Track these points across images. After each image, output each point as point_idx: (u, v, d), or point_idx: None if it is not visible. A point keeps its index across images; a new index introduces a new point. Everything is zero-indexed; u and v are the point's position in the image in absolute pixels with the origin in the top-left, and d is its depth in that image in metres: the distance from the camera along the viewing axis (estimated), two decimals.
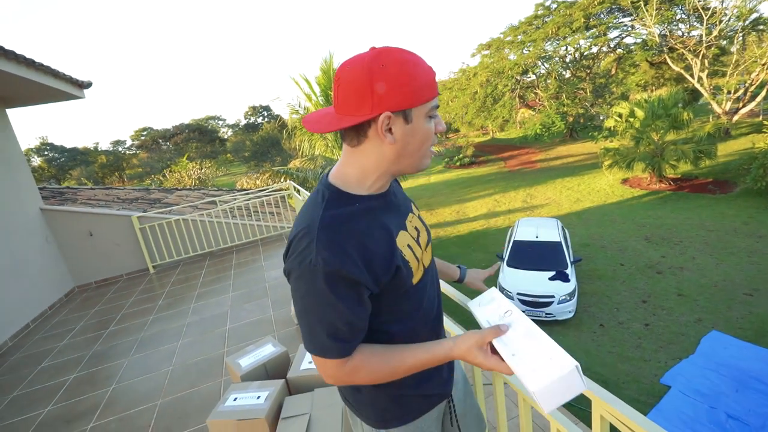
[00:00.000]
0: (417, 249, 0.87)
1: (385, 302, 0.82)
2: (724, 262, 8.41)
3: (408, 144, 0.76)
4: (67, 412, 2.67)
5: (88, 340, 3.73)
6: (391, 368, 0.81)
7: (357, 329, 0.78)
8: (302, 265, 0.73)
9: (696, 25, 18.63)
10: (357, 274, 0.73)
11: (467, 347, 0.77)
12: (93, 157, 40.86)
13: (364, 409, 0.96)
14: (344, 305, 0.74)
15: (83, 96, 5.10)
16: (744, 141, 16.24)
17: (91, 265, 5.39)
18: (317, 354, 0.78)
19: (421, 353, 0.80)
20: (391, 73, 0.70)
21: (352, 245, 0.74)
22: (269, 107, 53.37)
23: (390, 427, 0.95)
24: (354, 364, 0.79)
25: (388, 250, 0.79)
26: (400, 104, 0.71)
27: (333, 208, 0.77)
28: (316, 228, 0.73)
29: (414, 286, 0.85)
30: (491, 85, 23.82)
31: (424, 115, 0.75)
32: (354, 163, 0.80)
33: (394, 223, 0.84)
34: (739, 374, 5.30)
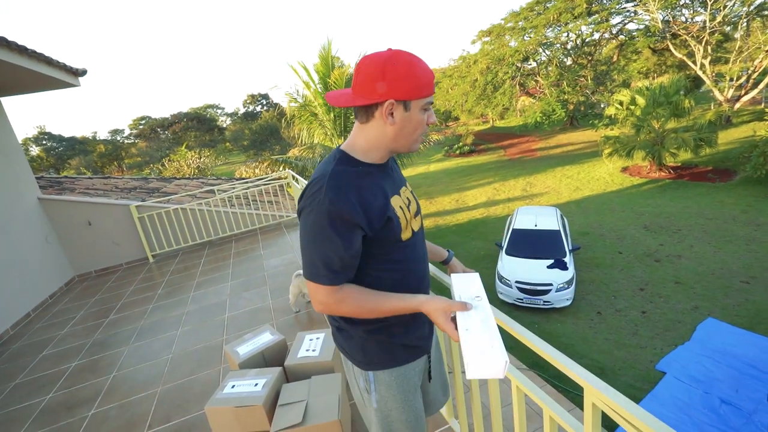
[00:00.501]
0: (407, 212, 1.05)
1: (379, 249, 1.00)
2: (721, 250, 8.44)
3: (404, 128, 0.96)
4: (69, 399, 2.70)
5: (89, 329, 3.76)
6: (371, 305, 0.97)
7: (347, 265, 0.95)
8: (312, 203, 0.92)
9: (700, 10, 18.33)
10: (355, 217, 0.91)
11: (435, 307, 0.93)
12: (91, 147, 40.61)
13: (355, 354, 1.11)
14: (340, 241, 0.91)
15: (78, 84, 5.03)
16: (745, 129, 16.13)
17: (91, 254, 5.39)
18: (312, 279, 0.95)
19: (397, 299, 0.98)
20: (400, 71, 0.90)
21: (353, 193, 0.92)
22: (268, 95, 52.90)
23: (377, 369, 1.11)
24: (343, 294, 0.96)
25: (382, 203, 0.98)
26: (402, 95, 0.92)
27: (342, 165, 0.97)
28: (327, 177, 0.93)
29: (403, 242, 1.04)
30: (491, 73, 23.54)
31: (420, 107, 0.95)
32: (361, 137, 1.00)
33: (389, 187, 1.03)
34: (733, 360, 5.37)
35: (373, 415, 1.15)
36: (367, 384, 1.12)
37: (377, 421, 1.15)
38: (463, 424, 1.69)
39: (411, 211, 1.08)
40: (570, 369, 0.86)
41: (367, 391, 1.13)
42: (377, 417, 1.15)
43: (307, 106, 10.63)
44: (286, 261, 4.62)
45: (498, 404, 1.31)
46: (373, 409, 1.14)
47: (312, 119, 10.69)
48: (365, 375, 1.12)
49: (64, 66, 4.54)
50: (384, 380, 1.11)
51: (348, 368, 1.18)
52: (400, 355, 1.11)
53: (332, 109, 10.10)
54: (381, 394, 1.12)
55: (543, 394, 1.05)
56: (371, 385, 1.12)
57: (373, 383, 1.11)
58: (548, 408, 1.00)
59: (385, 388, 1.11)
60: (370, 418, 1.19)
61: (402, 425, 1.14)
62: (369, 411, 1.17)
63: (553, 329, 6.64)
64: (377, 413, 1.14)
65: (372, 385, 1.11)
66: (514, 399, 1.16)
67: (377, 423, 1.16)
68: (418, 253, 1.11)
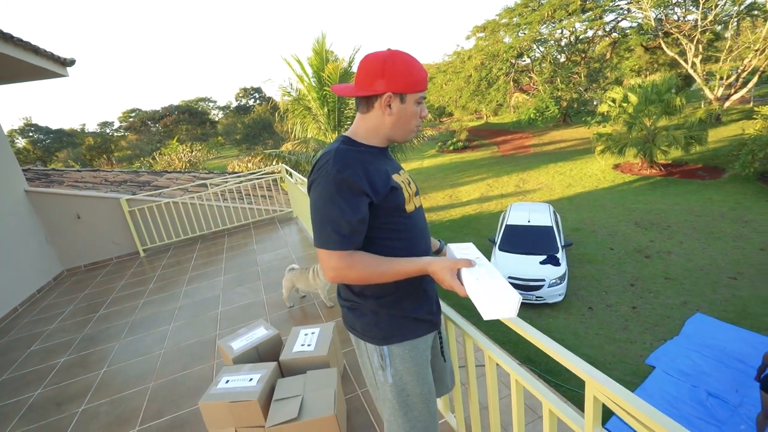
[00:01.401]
0: (408, 189, 1.15)
1: (386, 219, 1.08)
2: (710, 246, 8.57)
3: (401, 118, 1.09)
4: (58, 395, 2.66)
5: (78, 324, 3.70)
6: (381, 269, 1.02)
7: (355, 230, 1.01)
8: (321, 173, 1.02)
9: (692, 9, 18.48)
10: (361, 184, 1.00)
11: (441, 266, 1.00)
12: (80, 139, 39.85)
13: (369, 331, 1.16)
14: (347, 206, 0.99)
15: (66, 74, 4.92)
16: (734, 127, 16.36)
17: (80, 248, 5.31)
18: (323, 246, 1.02)
19: (404, 262, 1.04)
20: (398, 68, 1.03)
21: (359, 165, 1.03)
22: (261, 89, 52.34)
23: (391, 343, 1.15)
24: (353, 259, 1.02)
25: (385, 176, 1.08)
26: (399, 89, 1.04)
27: (346, 145, 1.08)
28: (333, 152, 1.04)
29: (408, 214, 1.13)
30: (486, 69, 23.53)
31: (414, 101, 1.08)
32: (363, 125, 1.12)
33: (390, 167, 1.14)
34: (720, 355, 5.47)
35: (389, 391, 1.18)
36: (381, 360, 1.16)
37: (393, 396, 1.18)
38: (459, 419, 1.69)
39: (411, 190, 1.17)
40: (571, 363, 0.86)
41: (381, 368, 1.17)
42: (393, 392, 1.17)
43: (300, 100, 10.52)
44: (280, 256, 4.59)
45: (496, 398, 1.31)
46: (388, 385, 1.17)
47: (306, 113, 10.59)
48: (380, 351, 1.16)
49: (51, 55, 4.43)
50: (398, 354, 1.15)
51: (360, 349, 1.23)
52: (412, 329, 1.17)
53: (326, 103, 10.03)
54: (396, 368, 1.16)
55: (542, 388, 1.05)
56: (386, 360, 1.16)
57: (388, 357, 1.16)
58: (548, 401, 1.00)
59: (400, 361, 1.16)
60: (383, 397, 1.21)
61: (417, 398, 1.18)
62: (383, 389, 1.19)
63: (546, 324, 6.70)
64: (393, 388, 1.17)
65: (387, 360, 1.16)
66: (513, 393, 1.16)
67: (393, 398, 1.18)
68: (422, 226, 1.20)
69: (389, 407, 1.20)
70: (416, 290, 1.17)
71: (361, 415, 2.07)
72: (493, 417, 1.36)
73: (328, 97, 9.87)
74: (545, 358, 5.65)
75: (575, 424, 0.93)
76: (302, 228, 5.49)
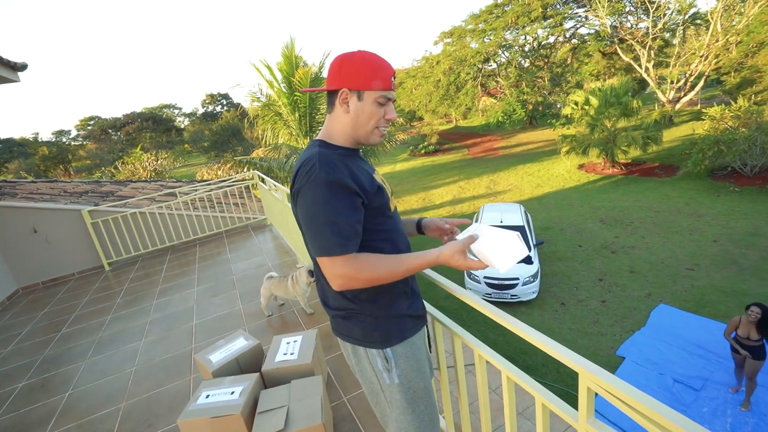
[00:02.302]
0: (388, 188, 1.15)
1: (372, 220, 1.07)
2: (669, 240, 9.07)
3: (358, 117, 1.06)
4: (18, 423, 2.46)
5: (38, 345, 3.46)
6: (389, 269, 1.00)
7: (354, 231, 0.98)
8: (309, 180, 0.98)
9: (643, 17, 19.67)
10: (351, 184, 0.98)
11: (451, 252, 1.01)
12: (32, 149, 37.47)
13: (370, 336, 1.14)
14: (343, 206, 0.97)
15: (18, 79, 4.61)
16: (685, 128, 17.45)
17: (37, 264, 4.97)
18: (325, 254, 0.97)
19: (413, 258, 1.03)
20: (354, 63, 1.03)
21: (344, 167, 1.01)
22: (228, 95, 51.23)
23: (394, 344, 1.14)
24: (360, 262, 0.98)
25: (369, 177, 1.08)
26: (354, 85, 1.03)
27: (325, 148, 1.05)
28: (316, 156, 1.00)
29: (390, 213, 1.14)
30: (454, 73, 24.05)
31: (373, 100, 1.05)
32: (330, 126, 1.12)
33: (369, 168, 1.14)
34: (683, 342, 5.79)
35: (396, 392, 1.16)
36: (386, 363, 1.14)
37: (401, 395, 1.16)
38: (448, 421, 1.69)
39: (388, 190, 1.17)
40: (564, 355, 0.88)
41: (387, 371, 1.15)
42: (401, 391, 1.16)
43: (271, 105, 10.35)
44: (255, 264, 4.48)
45: (486, 397, 1.32)
46: (395, 385, 1.16)
47: (276, 119, 10.43)
48: (383, 354, 1.14)
49: (0, 59, 4.15)
50: (402, 353, 1.15)
51: (359, 357, 1.19)
52: (409, 326, 1.18)
53: (297, 108, 9.91)
54: (401, 367, 1.15)
55: (533, 382, 1.06)
56: (391, 362, 1.14)
57: (393, 359, 1.14)
58: (540, 395, 1.01)
59: (404, 360, 1.15)
60: (389, 399, 1.18)
61: (422, 392, 1.19)
62: (389, 391, 1.17)
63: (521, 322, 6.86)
64: (400, 387, 1.16)
65: (392, 362, 1.14)
66: (504, 389, 1.17)
67: (401, 398, 1.16)
68: (400, 226, 1.22)
69: (397, 407, 1.18)
70: (407, 288, 1.18)
71: (348, 423, 2.04)
72: (483, 416, 1.37)
73: (299, 103, 9.77)
74: (523, 356, 5.78)
75: (569, 417, 0.95)
76: (277, 235, 5.38)
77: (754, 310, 4.23)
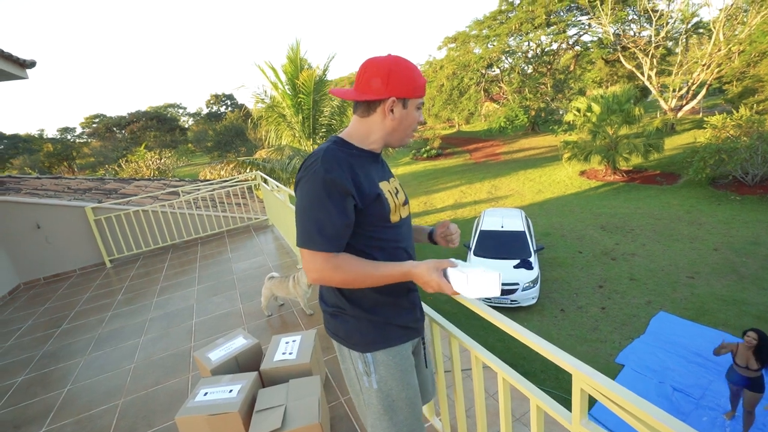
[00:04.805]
0: (394, 199, 1.14)
1: (371, 227, 1.08)
2: (669, 248, 9.06)
3: (402, 123, 1.10)
4: (16, 417, 2.48)
5: (38, 340, 3.47)
6: (363, 273, 1.02)
7: (340, 233, 1.01)
8: (308, 172, 1.01)
9: (646, 26, 19.73)
10: (348, 185, 0.99)
11: (426, 267, 1.01)
12: (37, 145, 37.60)
13: (352, 337, 1.15)
14: (334, 208, 0.98)
15: (26, 76, 4.66)
16: (687, 136, 17.46)
17: (39, 260, 5.00)
18: (307, 246, 1.00)
19: (389, 266, 1.04)
20: (402, 73, 1.04)
21: (346, 167, 1.02)
22: (233, 96, 51.37)
23: (375, 350, 1.15)
24: (338, 261, 1.01)
25: (371, 183, 1.08)
26: (403, 94, 1.06)
27: (336, 146, 1.08)
28: (322, 152, 1.04)
29: (393, 224, 1.13)
30: (457, 78, 24.14)
31: (415, 106, 1.10)
32: (360, 128, 1.11)
33: (378, 174, 1.13)
34: (683, 351, 5.77)
35: (374, 397, 1.17)
36: (366, 367, 1.15)
37: (378, 401, 1.17)
38: (445, 422, 1.70)
39: (399, 199, 1.16)
40: (558, 357, 0.89)
41: (366, 374, 1.16)
42: (378, 397, 1.16)
43: (275, 107, 10.40)
44: (256, 264, 4.49)
45: (482, 399, 1.33)
46: (373, 390, 1.17)
47: (280, 120, 10.48)
48: (364, 357, 1.15)
49: (10, 56, 4.19)
50: (383, 360, 1.15)
51: (343, 356, 1.21)
52: (396, 335, 1.17)
53: (301, 110, 9.96)
54: (381, 374, 1.15)
55: (529, 385, 1.08)
56: (371, 367, 1.15)
57: (372, 364, 1.15)
58: (535, 397, 1.03)
59: (384, 367, 1.15)
60: (368, 402, 1.19)
61: (402, 402, 1.18)
62: (368, 394, 1.18)
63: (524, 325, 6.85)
64: (378, 393, 1.16)
65: (371, 367, 1.15)
66: (500, 391, 1.18)
67: (378, 404, 1.17)
68: (406, 236, 1.20)
69: (374, 412, 1.18)
70: (400, 297, 1.17)
71: (345, 423, 2.05)
72: (480, 419, 1.38)
73: (303, 105, 9.82)
74: (522, 361, 5.77)
75: (563, 418, 0.96)
76: (278, 236, 5.40)
77: (751, 335, 4.01)
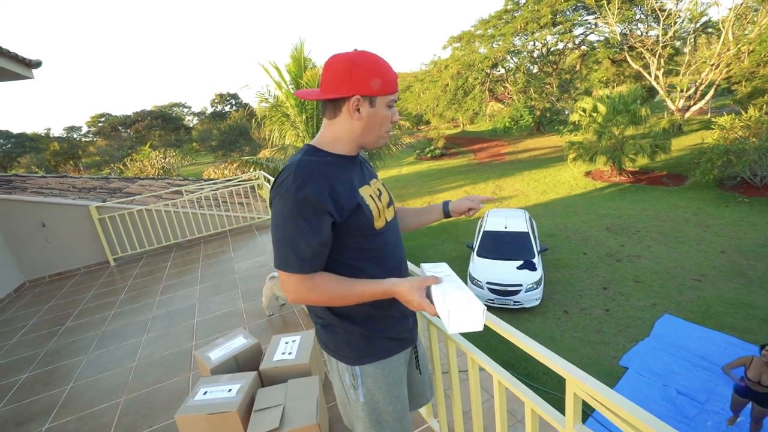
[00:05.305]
0: (378, 203, 1.07)
1: (354, 239, 1.02)
2: (675, 250, 8.98)
3: (370, 122, 1.01)
4: (19, 414, 2.50)
5: (42, 337, 3.51)
6: (343, 291, 0.97)
7: (316, 253, 0.95)
8: (281, 189, 0.94)
9: (653, 25, 19.55)
10: (323, 202, 0.93)
11: (409, 286, 0.94)
12: (44, 144, 38.06)
13: (341, 350, 1.12)
14: (308, 228, 0.93)
15: (32, 76, 4.70)
16: (694, 137, 17.29)
17: (44, 258, 5.05)
18: (282, 267, 0.96)
19: (369, 285, 0.98)
20: (366, 69, 0.95)
21: (321, 180, 0.95)
22: (237, 95, 51.62)
23: (363, 363, 1.11)
24: (315, 282, 0.97)
25: (350, 191, 1.00)
26: (368, 91, 0.97)
27: (310, 155, 1.00)
28: (295, 165, 0.96)
29: (377, 231, 1.05)
30: (462, 78, 24.06)
31: (384, 104, 1.01)
32: (329, 132, 1.04)
33: (358, 179, 1.06)
34: (688, 354, 5.71)
35: (360, 409, 1.15)
36: (353, 379, 1.13)
37: (365, 414, 1.15)
38: (442, 423, 1.69)
39: (383, 201, 1.10)
40: (551, 360, 0.89)
41: (353, 387, 1.13)
42: (365, 410, 1.14)
43: (278, 106, 10.44)
44: (258, 263, 4.51)
45: (479, 402, 1.33)
46: (360, 403, 1.14)
47: (284, 120, 10.51)
48: (351, 370, 1.12)
49: (15, 56, 4.23)
50: (371, 373, 1.11)
51: (332, 366, 1.18)
52: (386, 348, 1.13)
53: (305, 110, 9.98)
54: (368, 387, 1.12)
55: (524, 388, 1.07)
56: (358, 380, 1.12)
57: (360, 377, 1.12)
58: (530, 401, 1.02)
59: (372, 381, 1.12)
60: (356, 414, 1.18)
61: (389, 416, 1.15)
62: (355, 406, 1.16)
63: (523, 329, 6.82)
64: (365, 406, 1.14)
65: (359, 380, 1.12)
66: (496, 394, 1.18)
67: (365, 417, 1.15)
68: (393, 241, 1.14)
69: (361, 424, 1.17)
70: (391, 308, 1.11)
71: (343, 424, 2.04)
72: (476, 421, 1.37)
73: (307, 104, 9.84)
74: (524, 363, 5.75)
75: (557, 423, 0.95)
76: None
77: None
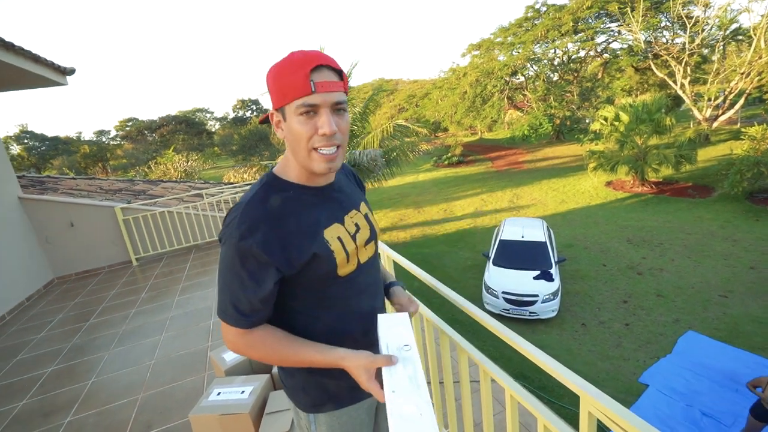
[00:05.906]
0: (350, 243, 0.92)
1: (310, 287, 0.89)
2: (701, 264, 8.66)
3: (290, 140, 0.84)
4: (44, 406, 2.60)
5: (67, 333, 3.64)
6: (282, 355, 0.86)
7: (256, 308, 0.84)
8: (225, 233, 0.83)
9: (679, 32, 19.06)
10: (268, 255, 0.80)
11: (357, 364, 0.80)
12: (75, 147, 39.64)
13: (297, 395, 1.01)
14: (249, 281, 0.81)
15: (66, 83, 4.94)
16: (722, 147, 16.71)
17: (72, 256, 5.25)
18: (221, 317, 0.86)
19: (314, 352, 0.85)
20: (272, 75, 0.81)
21: (270, 224, 0.82)
22: (258, 101, 52.63)
23: (320, 412, 0.99)
24: (253, 339, 0.86)
25: (308, 235, 0.86)
26: (275, 103, 0.82)
27: (265, 191, 0.86)
28: (243, 205, 0.83)
29: (342, 278, 0.91)
30: (480, 86, 23.96)
31: (293, 113, 0.80)
32: (285, 157, 0.91)
33: (326, 215, 0.90)
34: (713, 373, 5.48)
35: None
36: (308, 425, 1.03)
37: None
38: None
39: (359, 240, 0.95)
40: (566, 377, 0.87)
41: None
42: None
43: None
44: None
45: (491, 414, 1.31)
46: None
47: None
48: (306, 417, 1.02)
49: (51, 64, 4.45)
50: (326, 422, 1.01)
51: (291, 406, 1.09)
52: (345, 397, 1.00)
53: None
54: None
55: (537, 403, 1.06)
56: (312, 426, 1.02)
57: (314, 424, 1.02)
58: (542, 417, 1.00)
59: (327, 428, 1.02)
60: None
61: None
62: None
63: (539, 340, 6.69)
64: None
65: (313, 426, 1.02)
66: (508, 408, 1.16)
67: None
68: (363, 287, 0.98)
69: None
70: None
71: None
72: None
73: None
74: (539, 375, 5.62)
75: None
76: None
77: None
